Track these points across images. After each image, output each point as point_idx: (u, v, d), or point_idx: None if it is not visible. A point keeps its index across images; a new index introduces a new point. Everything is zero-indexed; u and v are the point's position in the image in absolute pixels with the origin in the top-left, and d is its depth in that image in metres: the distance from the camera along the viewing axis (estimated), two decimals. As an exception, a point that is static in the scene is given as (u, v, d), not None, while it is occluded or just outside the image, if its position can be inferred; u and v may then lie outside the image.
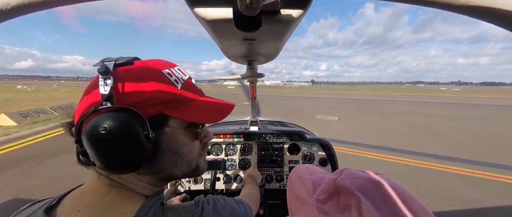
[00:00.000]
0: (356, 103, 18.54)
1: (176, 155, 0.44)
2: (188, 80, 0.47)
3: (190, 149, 0.46)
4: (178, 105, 0.42)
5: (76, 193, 0.42)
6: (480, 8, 0.30)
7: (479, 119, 10.71)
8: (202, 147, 0.52)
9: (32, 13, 0.32)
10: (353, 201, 0.29)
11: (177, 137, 0.43)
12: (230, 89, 45.94)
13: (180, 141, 0.44)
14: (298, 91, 46.25)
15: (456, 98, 27.15)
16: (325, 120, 9.78)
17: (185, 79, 0.46)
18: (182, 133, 0.44)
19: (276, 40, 0.62)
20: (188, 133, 0.45)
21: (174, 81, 0.43)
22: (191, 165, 0.48)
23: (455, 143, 6.04)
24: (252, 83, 1.49)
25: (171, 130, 0.42)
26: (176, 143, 0.43)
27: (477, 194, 3.15)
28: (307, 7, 0.43)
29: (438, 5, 0.31)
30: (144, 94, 0.38)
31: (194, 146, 0.47)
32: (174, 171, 0.45)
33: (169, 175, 0.45)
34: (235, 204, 0.55)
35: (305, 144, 1.64)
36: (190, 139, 0.46)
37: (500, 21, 0.32)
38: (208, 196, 0.51)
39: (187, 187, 1.58)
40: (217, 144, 1.65)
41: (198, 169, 0.51)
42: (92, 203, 0.39)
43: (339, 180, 0.32)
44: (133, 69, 0.41)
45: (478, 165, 4.27)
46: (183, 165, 0.46)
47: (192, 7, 0.44)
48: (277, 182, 1.64)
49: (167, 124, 0.41)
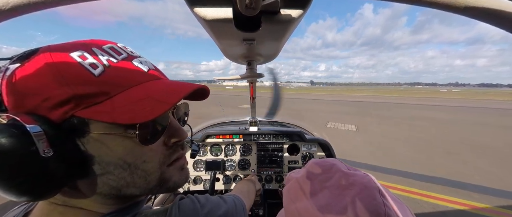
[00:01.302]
0: (366, 107, 16.80)
1: (119, 169, 0.32)
2: (122, 62, 0.34)
3: (143, 158, 0.34)
4: (95, 100, 0.29)
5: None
6: (479, 8, 0.30)
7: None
8: (170, 152, 0.39)
9: (31, 12, 0.32)
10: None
11: (110, 145, 0.31)
12: (228, 89, 45.21)
13: (118, 150, 0.32)
14: (298, 92, 44.84)
15: (469, 101, 24.52)
16: (341, 130, 8.09)
17: (117, 59, 0.33)
18: (115, 139, 0.31)
19: (276, 40, 0.62)
20: (126, 138, 0.32)
21: (89, 66, 0.30)
22: (150, 178, 0.35)
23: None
24: (251, 83, 1.49)
25: (97, 136, 0.30)
26: (113, 153, 0.31)
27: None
28: (307, 7, 0.43)
29: (438, 6, 0.32)
30: (41, 93, 0.28)
31: (148, 154, 0.34)
32: (128, 189, 0.34)
33: (123, 194, 0.35)
34: (219, 200, 0.46)
35: (304, 145, 1.64)
36: (134, 145, 0.33)
37: (499, 22, 0.32)
38: (186, 197, 0.42)
39: (186, 187, 1.58)
40: (216, 145, 1.65)
41: (168, 182, 0.38)
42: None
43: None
44: (34, 60, 0.29)
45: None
46: (136, 181, 0.34)
47: (191, 7, 0.44)
48: (276, 182, 1.64)
49: (88, 129, 0.30)
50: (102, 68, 0.31)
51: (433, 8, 0.33)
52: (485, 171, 4.13)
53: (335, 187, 0.35)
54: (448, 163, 4.52)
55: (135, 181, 0.34)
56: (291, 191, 0.40)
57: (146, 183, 0.35)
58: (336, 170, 0.38)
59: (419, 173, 3.86)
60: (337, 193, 0.34)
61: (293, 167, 1.64)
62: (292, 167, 1.64)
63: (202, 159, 1.61)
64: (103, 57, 0.32)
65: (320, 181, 0.38)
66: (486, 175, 3.93)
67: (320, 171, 0.39)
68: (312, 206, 0.34)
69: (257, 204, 1.53)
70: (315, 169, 0.40)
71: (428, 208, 2.94)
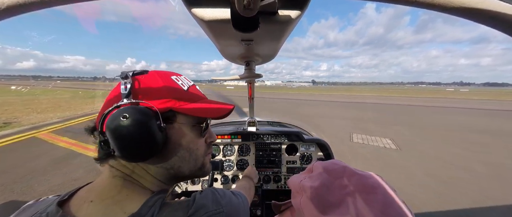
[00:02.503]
0: (385, 110, 14.32)
1: (184, 150, 0.49)
2: (193, 86, 0.56)
3: (197, 146, 0.52)
4: (184, 103, 0.49)
5: (87, 188, 0.46)
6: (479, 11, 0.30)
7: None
8: (207, 147, 0.58)
9: (28, 12, 0.31)
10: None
11: (185, 132, 0.49)
12: (229, 89, 44.08)
13: (188, 137, 0.50)
14: (301, 92, 42.90)
15: (492, 102, 21.80)
16: (374, 146, 5.68)
17: (190, 85, 0.55)
18: (189, 129, 0.50)
19: (274, 41, 0.62)
20: (194, 129, 0.51)
21: (181, 85, 0.51)
22: (197, 162, 0.53)
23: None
24: (250, 83, 1.49)
25: (179, 125, 0.49)
26: (184, 138, 0.49)
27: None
28: (305, 7, 0.44)
29: (439, 8, 0.32)
30: (156, 93, 0.47)
31: (200, 144, 0.53)
32: (183, 167, 0.50)
33: (177, 171, 0.50)
34: (232, 194, 0.56)
35: (303, 145, 1.64)
36: (196, 136, 0.52)
37: (499, 26, 0.32)
38: (206, 189, 0.53)
39: (184, 187, 1.58)
40: (214, 145, 1.64)
41: (204, 168, 0.56)
42: (103, 195, 0.42)
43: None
44: (147, 75, 0.49)
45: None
46: (190, 162, 0.51)
47: (189, 8, 0.44)
48: (274, 183, 1.64)
49: (176, 120, 0.48)
50: (187, 87, 0.53)
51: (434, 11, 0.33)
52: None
53: (359, 192, 0.34)
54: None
55: (190, 162, 0.51)
56: (315, 201, 0.36)
57: (194, 165, 0.53)
58: (350, 173, 0.37)
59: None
60: (363, 197, 0.33)
61: (292, 167, 1.64)
62: (291, 167, 1.64)
63: None
64: (184, 81, 0.54)
65: (340, 188, 0.36)
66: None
67: (335, 176, 0.38)
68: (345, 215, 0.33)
69: (255, 204, 1.53)
70: (329, 174, 0.39)
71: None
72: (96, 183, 0.46)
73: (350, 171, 0.37)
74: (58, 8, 0.33)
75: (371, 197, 0.32)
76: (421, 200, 3.14)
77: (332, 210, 0.34)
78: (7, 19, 0.32)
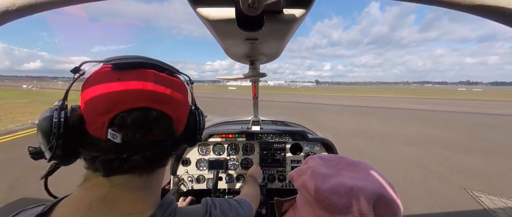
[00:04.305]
0: (449, 122, 9.87)
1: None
2: None
3: None
4: None
5: (71, 199, 0.40)
6: (488, 7, 0.30)
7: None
8: None
9: (38, 13, 0.32)
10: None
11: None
12: (231, 90, 42.94)
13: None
14: (307, 93, 40.44)
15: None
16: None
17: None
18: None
19: (279, 40, 0.62)
20: None
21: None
22: None
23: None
24: (254, 83, 1.49)
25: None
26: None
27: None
28: (310, 6, 0.43)
29: (447, 5, 0.31)
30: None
31: None
32: None
33: None
34: (238, 205, 0.58)
35: (307, 144, 1.64)
36: None
37: (510, 22, 0.31)
38: (213, 200, 0.54)
39: (189, 186, 1.59)
40: (219, 144, 1.65)
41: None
42: (93, 204, 0.38)
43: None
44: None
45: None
46: None
47: (194, 7, 0.44)
48: (279, 182, 1.64)
49: None
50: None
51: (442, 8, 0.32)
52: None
53: (348, 165, 0.48)
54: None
55: None
56: (315, 174, 0.46)
57: None
58: (340, 157, 0.51)
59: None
60: (351, 169, 0.47)
61: (296, 167, 1.63)
62: (295, 166, 1.64)
63: (205, 158, 1.62)
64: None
65: (333, 166, 0.48)
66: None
67: (328, 160, 0.51)
68: (343, 180, 0.43)
69: (260, 204, 1.54)
70: (323, 160, 0.51)
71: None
72: (81, 194, 0.41)
73: (341, 156, 0.52)
74: (65, 8, 0.34)
75: (356, 168, 0.47)
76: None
77: (330, 179, 0.44)
78: (18, 20, 0.33)
